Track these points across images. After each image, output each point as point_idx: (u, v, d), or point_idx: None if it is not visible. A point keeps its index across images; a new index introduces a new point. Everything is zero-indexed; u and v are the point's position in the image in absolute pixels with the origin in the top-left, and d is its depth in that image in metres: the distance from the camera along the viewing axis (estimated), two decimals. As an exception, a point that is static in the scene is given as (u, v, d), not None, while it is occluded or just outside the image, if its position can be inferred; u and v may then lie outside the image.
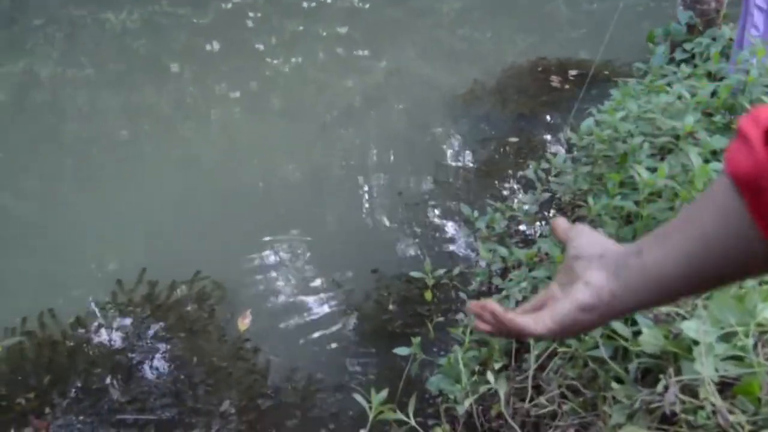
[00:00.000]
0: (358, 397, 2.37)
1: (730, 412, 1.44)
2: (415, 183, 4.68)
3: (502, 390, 2.12)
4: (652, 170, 2.33)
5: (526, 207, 3.63)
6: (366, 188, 4.69)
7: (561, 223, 0.86)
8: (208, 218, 4.25)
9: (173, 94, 6.60)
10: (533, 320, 0.76)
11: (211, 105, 6.41)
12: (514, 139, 5.09)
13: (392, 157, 5.10)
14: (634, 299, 0.72)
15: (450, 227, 4.15)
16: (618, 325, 1.81)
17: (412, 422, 2.41)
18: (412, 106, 6.12)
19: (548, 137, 5.23)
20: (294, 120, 5.82)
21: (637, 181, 2.28)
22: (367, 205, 4.48)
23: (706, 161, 2.13)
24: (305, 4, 10.56)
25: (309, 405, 2.90)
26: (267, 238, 4.04)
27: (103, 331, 3.28)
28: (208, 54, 8.20)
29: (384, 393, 2.25)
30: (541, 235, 3.50)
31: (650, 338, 1.64)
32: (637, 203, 2.30)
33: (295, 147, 5.24)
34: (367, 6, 10.82)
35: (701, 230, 0.66)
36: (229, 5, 10.11)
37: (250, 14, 10.01)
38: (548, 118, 5.52)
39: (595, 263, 0.75)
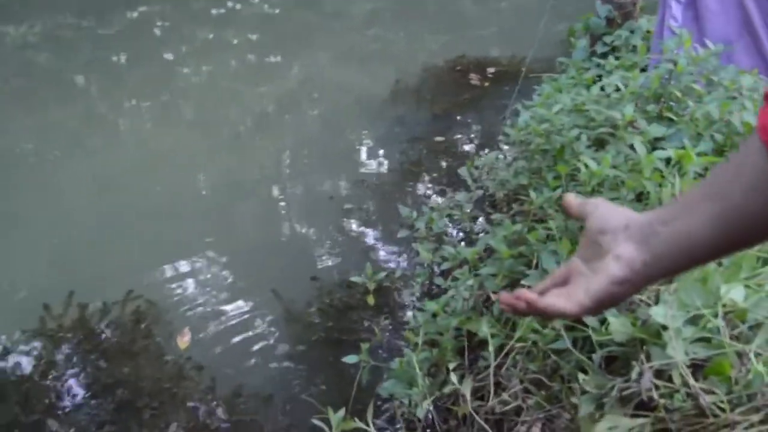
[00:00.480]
0: (317, 421, 2.31)
1: (706, 393, 1.46)
2: (345, 187, 4.64)
3: (467, 389, 2.10)
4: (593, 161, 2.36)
5: (461, 206, 3.64)
6: (294, 195, 4.62)
7: (572, 199, 0.85)
8: (129, 235, 4.08)
9: (81, 109, 6.33)
10: (567, 300, 0.77)
11: (121, 118, 6.20)
12: (440, 139, 5.11)
13: (318, 163, 5.04)
14: (664, 266, 0.74)
15: (386, 230, 4.12)
16: (589, 319, 1.82)
17: (372, 430, 2.37)
18: (329, 110, 6.09)
19: (475, 135, 5.28)
20: (208, 130, 5.68)
21: (582, 172, 2.30)
22: (297, 213, 4.41)
23: (649, 149, 2.17)
24: (214, 11, 10.35)
25: (261, 420, 2.81)
26: (196, 252, 3.92)
27: (33, 360, 3.09)
28: (115, 65, 7.93)
29: (342, 412, 2.19)
30: (484, 232, 3.52)
31: (619, 326, 1.65)
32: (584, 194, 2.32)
33: (211, 157, 5.12)
34: (278, 11, 10.70)
35: (732, 197, 0.67)
36: (135, 14, 9.82)
37: (158, 23, 9.75)
38: (472, 115, 5.57)
39: (621, 235, 0.75)
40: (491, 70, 6.41)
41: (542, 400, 2.05)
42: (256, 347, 3.21)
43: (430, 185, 4.55)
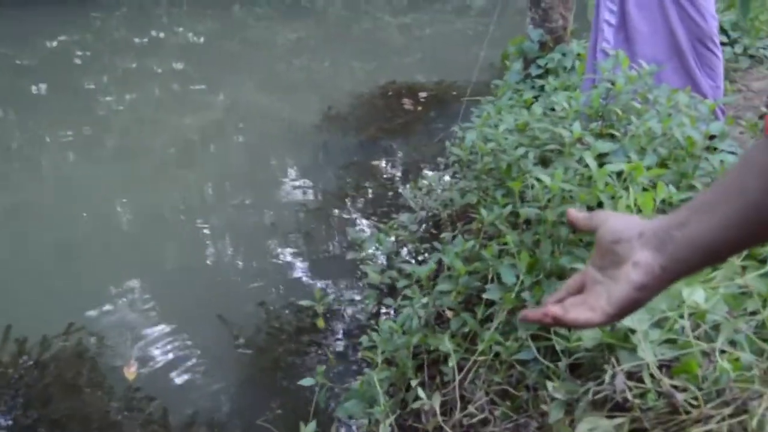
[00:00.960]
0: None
1: (678, 391, 1.53)
2: (285, 215, 4.62)
3: (437, 402, 2.12)
4: (539, 179, 2.44)
5: (406, 226, 3.69)
6: (235, 224, 4.57)
7: (577, 213, 0.90)
8: (60, 269, 3.96)
9: (-2, 140, 6.12)
10: (591, 311, 0.80)
11: (41, 149, 6.00)
12: (377, 162, 5.17)
13: (254, 191, 5.02)
14: (682, 268, 0.77)
15: (331, 253, 4.13)
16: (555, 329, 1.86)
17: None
18: (257, 138, 6.08)
19: (412, 157, 5.35)
20: (132, 160, 5.57)
21: (534, 187, 2.37)
22: (237, 241, 4.36)
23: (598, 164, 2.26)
24: (137, 40, 10.22)
25: (218, 450, 2.76)
26: (133, 283, 3.83)
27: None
28: (34, 96, 7.72)
29: (313, 425, 2.17)
30: (429, 252, 3.56)
31: (589, 332, 1.71)
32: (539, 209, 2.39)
33: (137, 187, 5.02)
34: (202, 40, 10.65)
35: (748, 195, 0.71)
36: (55, 43, 9.59)
37: (78, 52, 9.55)
38: (408, 139, 5.66)
39: (636, 243, 0.78)
40: (423, 94, 6.53)
41: (509, 411, 2.09)
42: (206, 375, 3.15)
43: (371, 209, 4.59)
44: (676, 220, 0.77)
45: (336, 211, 4.58)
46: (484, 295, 2.30)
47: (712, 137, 2.43)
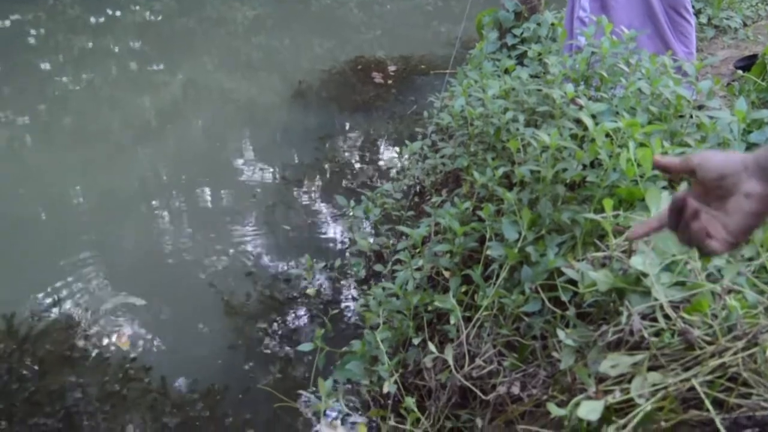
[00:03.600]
0: (307, 395, 2.33)
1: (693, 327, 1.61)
2: (267, 185, 4.63)
3: (449, 355, 2.19)
4: (536, 138, 2.51)
5: (391, 194, 3.73)
6: (218, 196, 4.57)
7: (666, 159, 0.98)
8: (34, 245, 3.91)
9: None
10: (714, 242, 0.89)
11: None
12: (353, 134, 5.19)
13: (231, 165, 5.01)
14: None
15: (317, 223, 4.16)
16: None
17: (344, 408, 2.42)
18: (233, 114, 6.04)
19: (389, 128, 5.39)
20: (89, 142, 5.47)
21: (532, 146, 2.44)
22: (221, 215, 4.36)
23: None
24: (93, 19, 10.01)
25: (219, 414, 2.78)
26: (114, 257, 3.80)
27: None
28: (-13, 75, 7.53)
29: (329, 382, 2.22)
30: (413, 218, 3.61)
31: (602, 277, 1.78)
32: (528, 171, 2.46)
33: (97, 167, 4.95)
34: (160, 18, 10.47)
35: None
36: (7, 23, 9.34)
37: (32, 31, 9.31)
38: (383, 110, 5.69)
39: (743, 175, 0.87)
40: (392, 68, 6.56)
41: (517, 362, 2.16)
42: (200, 344, 3.17)
43: (352, 179, 4.62)
44: None
45: (317, 183, 4.60)
46: (488, 252, 2.37)
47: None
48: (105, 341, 3.17)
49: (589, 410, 1.56)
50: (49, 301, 3.40)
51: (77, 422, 2.69)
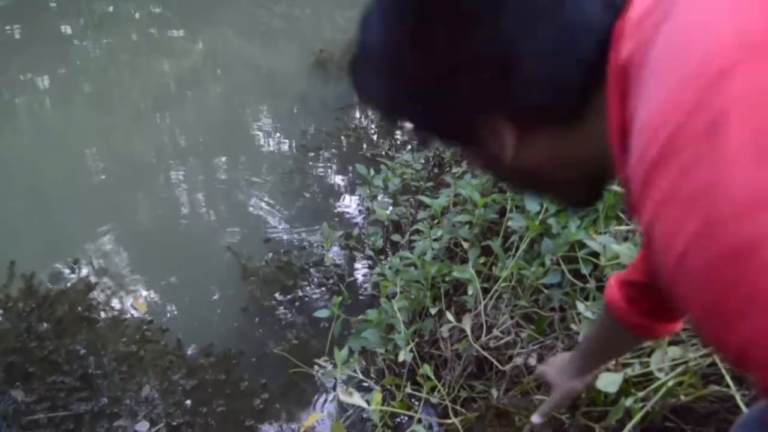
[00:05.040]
0: (322, 362, 2.33)
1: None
2: (286, 153, 4.63)
3: (467, 325, 2.18)
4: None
5: (411, 165, 3.71)
6: (236, 163, 4.56)
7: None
8: (59, 208, 3.92)
9: (-28, 85, 5.97)
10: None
11: (15, 94, 5.86)
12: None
13: (258, 127, 5.00)
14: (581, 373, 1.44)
15: (335, 192, 4.16)
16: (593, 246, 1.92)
17: (359, 375, 2.42)
18: (249, 82, 6.02)
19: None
20: (108, 107, 5.46)
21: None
22: (236, 180, 4.36)
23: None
24: (115, -17, 9.96)
25: (235, 378, 2.80)
26: (131, 220, 3.82)
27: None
28: (8, 39, 7.50)
29: (346, 350, 2.22)
30: (432, 189, 3.60)
31: (625, 250, 1.77)
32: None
33: (117, 134, 4.93)
34: (181, -17, 10.41)
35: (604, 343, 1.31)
36: (29, -14, 9.30)
37: (53, -5, 9.28)
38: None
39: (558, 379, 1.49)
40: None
41: (535, 333, 2.16)
42: (217, 307, 3.18)
43: (371, 148, 4.60)
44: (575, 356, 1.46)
45: (336, 152, 4.59)
46: (509, 223, 2.35)
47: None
48: (122, 303, 3.19)
49: (609, 383, 1.55)
50: (67, 262, 3.42)
51: (94, 381, 2.72)
